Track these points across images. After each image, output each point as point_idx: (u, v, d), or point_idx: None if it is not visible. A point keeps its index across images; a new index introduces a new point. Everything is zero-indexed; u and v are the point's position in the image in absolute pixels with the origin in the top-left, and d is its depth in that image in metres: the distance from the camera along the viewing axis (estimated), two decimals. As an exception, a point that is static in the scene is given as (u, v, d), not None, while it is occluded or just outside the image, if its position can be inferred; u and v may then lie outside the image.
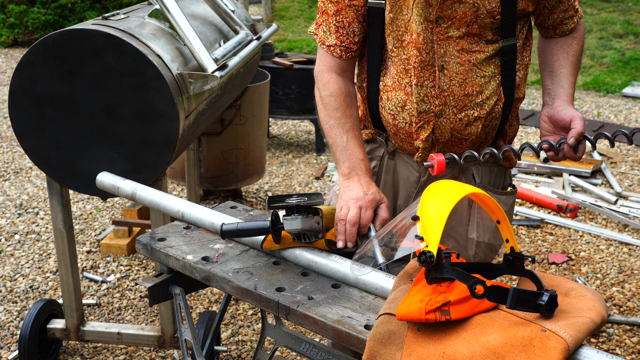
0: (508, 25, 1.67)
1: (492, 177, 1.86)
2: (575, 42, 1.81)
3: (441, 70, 1.69)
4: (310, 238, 1.58)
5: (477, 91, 1.70)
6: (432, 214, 1.25)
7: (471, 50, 1.68)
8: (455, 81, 1.69)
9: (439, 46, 1.68)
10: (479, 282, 1.16)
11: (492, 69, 1.71)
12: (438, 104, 1.71)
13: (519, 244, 3.91)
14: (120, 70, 2.27)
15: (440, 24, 1.66)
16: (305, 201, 1.54)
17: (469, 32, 1.66)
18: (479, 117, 1.72)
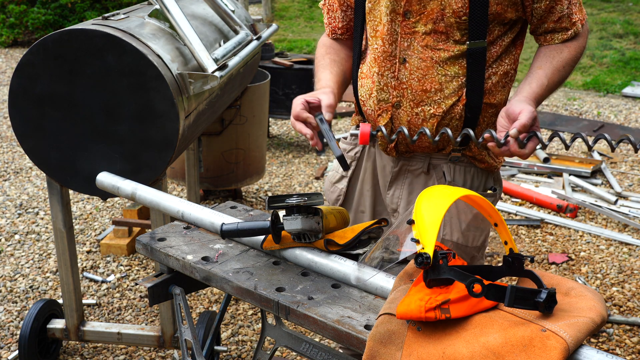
0: (477, 27, 1.67)
1: (467, 178, 1.85)
2: (566, 49, 1.75)
3: (402, 62, 1.74)
4: (310, 238, 1.58)
5: (436, 88, 1.72)
6: (426, 217, 1.26)
7: (436, 48, 1.70)
8: (414, 75, 1.73)
9: (403, 39, 1.72)
10: (476, 281, 1.16)
11: (456, 69, 1.72)
12: (396, 95, 1.76)
13: (518, 244, 3.91)
14: (120, 70, 2.27)
15: (409, 18, 1.70)
16: (305, 201, 1.54)
17: (435, 29, 1.69)
18: (435, 115, 1.74)
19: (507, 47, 1.77)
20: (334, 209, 1.69)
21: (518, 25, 1.78)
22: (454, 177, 1.85)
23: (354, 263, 1.52)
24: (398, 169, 1.90)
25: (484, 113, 1.78)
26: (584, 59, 8.50)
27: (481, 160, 1.84)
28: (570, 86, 7.73)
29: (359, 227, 1.65)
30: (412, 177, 1.90)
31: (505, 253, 1.36)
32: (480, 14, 1.66)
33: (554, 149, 5.59)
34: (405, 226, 1.31)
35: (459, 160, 1.84)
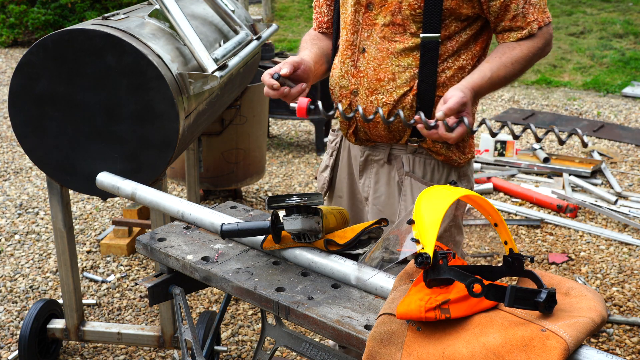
0: (430, 21, 1.74)
1: (427, 170, 1.91)
2: (518, 47, 1.78)
3: (361, 52, 1.83)
4: (310, 238, 1.58)
5: (389, 78, 1.80)
6: (426, 217, 1.26)
7: (392, 39, 1.79)
8: (371, 65, 1.81)
9: (364, 30, 1.82)
10: (476, 281, 1.16)
11: (409, 60, 1.79)
12: (354, 82, 1.85)
13: (518, 244, 3.91)
14: (120, 70, 2.27)
15: (371, 10, 1.80)
16: (305, 201, 1.54)
17: (393, 21, 1.77)
18: (387, 103, 1.82)
19: (466, 43, 1.82)
20: (334, 209, 1.70)
21: (478, 22, 1.82)
22: (413, 168, 1.91)
23: (354, 263, 1.52)
24: (364, 159, 1.99)
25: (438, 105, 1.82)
26: (584, 58, 8.50)
27: (437, 152, 1.88)
28: (570, 86, 7.73)
29: (359, 227, 1.65)
30: (377, 167, 1.97)
31: (505, 253, 1.36)
32: (434, 7, 1.72)
33: (554, 149, 5.59)
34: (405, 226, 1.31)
35: (418, 152, 1.90)
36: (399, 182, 1.93)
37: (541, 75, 8.02)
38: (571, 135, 1.55)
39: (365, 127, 1.89)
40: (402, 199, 1.92)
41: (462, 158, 1.91)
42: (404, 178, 1.92)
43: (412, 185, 1.90)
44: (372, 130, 1.89)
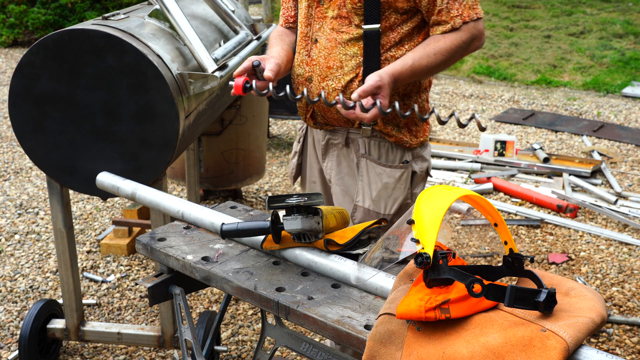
0: (370, 13, 1.89)
1: (382, 152, 2.05)
2: (442, 39, 1.89)
3: (314, 42, 1.99)
4: (310, 238, 1.58)
5: (338, 66, 1.95)
6: (426, 217, 1.26)
7: (340, 30, 1.94)
8: (322, 54, 1.97)
9: (316, 22, 1.98)
10: (476, 281, 1.16)
11: (355, 49, 1.93)
12: (308, 70, 2.01)
13: (518, 244, 3.91)
14: (120, 70, 2.27)
15: (322, 4, 1.96)
16: (305, 201, 1.54)
17: (340, 14, 1.93)
18: (336, 89, 1.96)
19: (408, 35, 1.95)
20: (334, 209, 1.70)
21: (419, 15, 1.95)
22: (369, 150, 2.05)
23: (354, 263, 1.52)
24: (325, 143, 2.12)
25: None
26: (584, 58, 8.50)
27: (389, 134, 2.01)
28: (570, 86, 7.73)
29: (359, 227, 1.65)
30: (337, 150, 2.11)
31: (505, 253, 1.36)
32: (373, 1, 1.88)
33: (554, 149, 5.59)
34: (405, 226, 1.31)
35: (373, 135, 2.04)
36: (357, 164, 2.07)
37: (541, 75, 8.02)
38: (471, 119, 1.61)
39: (321, 111, 2.04)
40: (360, 179, 2.06)
41: (413, 140, 2.05)
42: (361, 160, 2.06)
43: (367, 166, 2.05)
44: (327, 114, 2.03)
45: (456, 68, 8.40)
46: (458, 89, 7.60)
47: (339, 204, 2.13)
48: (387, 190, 2.04)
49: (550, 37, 9.46)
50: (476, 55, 8.75)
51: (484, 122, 1.45)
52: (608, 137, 5.87)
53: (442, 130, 6.10)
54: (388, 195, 2.04)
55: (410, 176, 2.06)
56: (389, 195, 2.04)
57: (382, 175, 2.04)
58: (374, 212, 2.04)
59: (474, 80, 8.08)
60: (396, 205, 2.05)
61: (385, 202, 2.05)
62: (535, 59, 8.61)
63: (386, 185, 2.04)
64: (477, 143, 5.53)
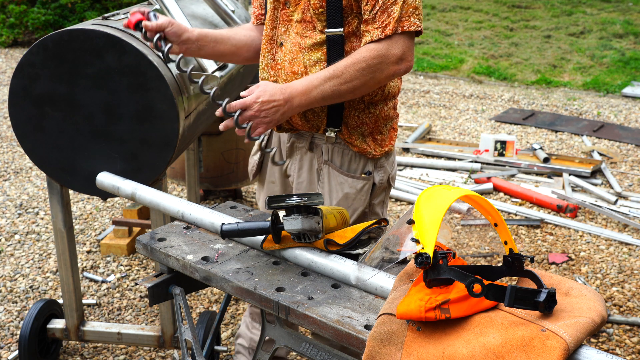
0: (333, 17, 1.85)
1: (345, 160, 2.02)
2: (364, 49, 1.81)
3: (279, 46, 1.95)
4: (310, 238, 1.58)
5: (302, 71, 1.91)
6: (426, 217, 1.26)
7: (304, 35, 1.90)
8: (287, 58, 1.93)
9: (281, 25, 1.95)
10: (476, 281, 1.16)
11: (318, 54, 1.89)
12: (273, 74, 1.97)
13: (518, 244, 3.91)
14: (120, 70, 2.27)
15: (288, 7, 1.92)
16: (305, 201, 1.54)
17: (304, 19, 1.89)
18: None
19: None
20: (334, 209, 1.69)
21: None
22: (331, 157, 2.02)
23: (354, 263, 1.52)
24: (290, 145, 2.09)
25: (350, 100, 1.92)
26: (584, 58, 8.50)
27: (352, 144, 1.99)
28: (570, 86, 7.73)
29: (359, 227, 1.65)
30: (301, 154, 2.08)
31: (505, 253, 1.36)
32: (335, 6, 1.83)
33: (554, 149, 5.59)
34: (406, 226, 1.31)
35: (337, 142, 2.01)
36: (318, 170, 2.04)
37: (541, 75, 8.02)
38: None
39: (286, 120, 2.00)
40: (320, 187, 2.04)
41: (377, 150, 2.01)
42: (323, 166, 2.04)
43: (329, 174, 2.02)
44: (292, 119, 1.99)
45: (456, 68, 8.40)
46: (458, 89, 7.60)
47: None
48: (347, 200, 2.00)
49: (550, 37, 9.46)
50: (476, 55, 8.75)
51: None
52: (608, 137, 5.87)
53: (442, 131, 6.11)
54: (348, 205, 2.01)
55: (371, 187, 2.03)
56: (349, 206, 2.01)
57: (344, 185, 2.01)
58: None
59: (474, 80, 8.08)
60: (355, 215, 2.02)
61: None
62: (535, 59, 8.61)
63: (347, 195, 2.00)
64: (477, 143, 5.54)
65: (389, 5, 1.78)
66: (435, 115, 6.62)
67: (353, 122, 1.98)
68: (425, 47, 9.25)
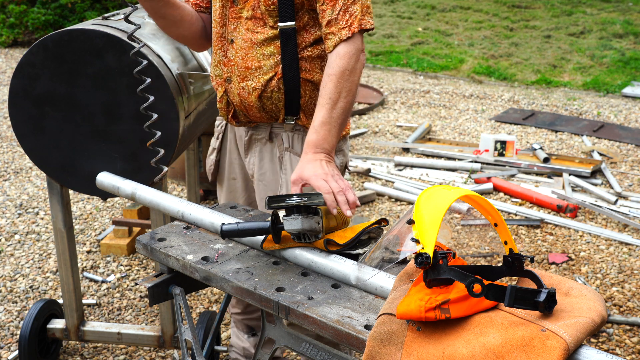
0: (285, 12, 1.89)
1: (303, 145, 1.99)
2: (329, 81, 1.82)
3: (230, 43, 1.98)
4: (310, 238, 1.58)
5: (256, 66, 1.95)
6: (426, 217, 1.26)
7: (255, 31, 1.93)
8: (239, 54, 1.96)
9: (231, 22, 1.97)
10: (476, 281, 1.16)
11: (271, 49, 1.93)
12: (226, 71, 2.00)
13: (518, 244, 3.91)
14: (120, 70, 2.27)
15: (237, 4, 1.95)
16: (305, 201, 1.54)
17: (254, 15, 1.92)
18: (256, 89, 1.96)
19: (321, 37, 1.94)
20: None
21: None
22: (292, 144, 2.06)
23: (354, 263, 1.52)
24: (248, 138, 2.12)
25: (304, 87, 1.98)
26: (584, 58, 8.50)
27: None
28: (570, 86, 7.73)
29: (358, 227, 1.65)
30: (260, 145, 2.11)
31: (505, 253, 1.36)
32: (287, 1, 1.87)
33: (554, 149, 5.59)
34: (406, 226, 1.31)
35: (296, 129, 2.05)
36: (280, 158, 2.07)
37: (541, 75, 8.02)
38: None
39: (243, 109, 2.03)
40: (283, 173, 2.06)
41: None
42: (284, 153, 2.07)
43: (291, 160, 2.06)
44: (249, 112, 2.02)
45: (456, 68, 8.40)
46: (458, 89, 7.60)
47: (261, 199, 2.13)
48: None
49: (550, 37, 9.46)
50: (476, 55, 8.75)
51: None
52: (608, 137, 5.87)
53: (442, 131, 6.11)
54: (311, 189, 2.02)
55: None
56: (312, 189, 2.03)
57: None
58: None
59: (474, 80, 8.08)
60: None
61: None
62: (535, 59, 8.61)
63: None
64: (477, 143, 5.53)
65: (349, 5, 1.84)
66: (435, 115, 6.62)
67: (310, 109, 2.01)
68: (425, 47, 9.25)
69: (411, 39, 9.66)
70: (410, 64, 8.59)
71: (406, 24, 10.43)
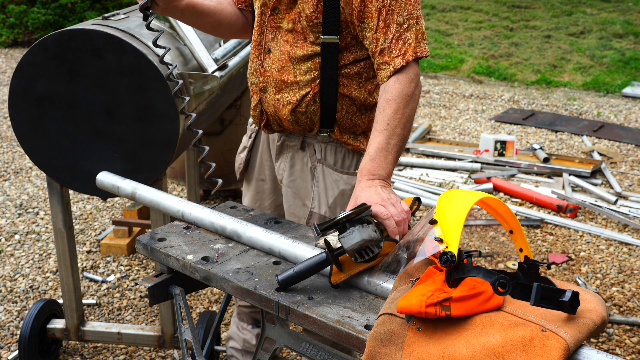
0: (329, 27, 1.82)
1: (338, 157, 2.02)
2: (388, 106, 1.73)
3: (267, 52, 1.93)
4: (372, 250, 1.44)
5: (292, 80, 1.90)
6: (450, 216, 1.26)
7: (294, 45, 1.87)
8: (275, 65, 1.92)
9: (269, 31, 1.91)
10: (502, 279, 1.16)
11: (309, 64, 1.87)
12: (262, 80, 1.96)
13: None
14: (120, 70, 2.27)
15: (276, 14, 1.89)
16: (355, 213, 1.43)
17: (294, 29, 1.86)
18: (290, 102, 1.92)
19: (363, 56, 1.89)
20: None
21: None
22: (324, 155, 2.02)
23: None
24: (280, 143, 2.08)
25: (341, 101, 1.93)
26: (584, 58, 8.50)
27: (346, 142, 1.99)
28: (570, 86, 7.73)
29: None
30: (292, 152, 2.07)
31: (520, 260, 1.35)
32: (333, 16, 1.80)
33: (554, 149, 5.59)
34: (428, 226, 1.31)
35: (329, 141, 2.01)
36: (312, 168, 2.04)
37: (541, 75, 8.02)
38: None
39: (277, 119, 1.99)
40: (315, 185, 2.03)
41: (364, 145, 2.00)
42: (317, 165, 2.03)
43: (324, 172, 2.02)
44: (283, 123, 1.98)
45: (456, 68, 8.40)
46: (458, 89, 7.60)
47: (289, 205, 2.09)
48: (343, 197, 1.99)
49: (550, 37, 9.46)
50: (476, 55, 8.75)
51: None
52: (608, 137, 5.87)
53: (442, 131, 6.11)
54: (344, 203, 2.00)
55: None
56: (345, 203, 2.00)
57: (339, 181, 2.00)
58: (330, 218, 1.94)
59: (474, 80, 8.08)
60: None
61: (342, 209, 1.99)
62: (535, 59, 8.61)
63: (343, 192, 1.99)
64: (477, 143, 5.54)
65: (402, 32, 1.75)
66: (435, 115, 6.62)
67: (346, 124, 1.97)
68: (425, 47, 9.25)
69: (411, 39, 9.65)
70: (410, 64, 8.58)
71: (406, 24, 10.43)
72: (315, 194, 2.02)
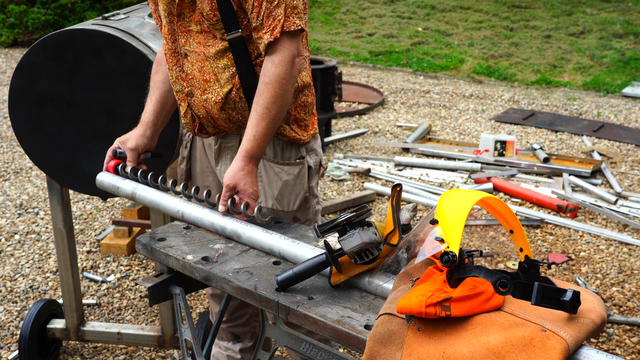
0: (228, 22, 1.85)
1: (277, 150, 2.03)
2: (265, 90, 1.81)
3: (185, 57, 1.95)
4: (372, 252, 1.46)
5: (213, 79, 1.92)
6: (450, 216, 1.26)
7: (207, 44, 1.91)
8: (195, 67, 1.94)
9: (181, 36, 1.93)
10: (503, 278, 1.16)
11: (224, 61, 1.90)
12: (186, 85, 1.97)
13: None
14: (120, 70, 2.27)
15: (183, 18, 1.91)
16: (355, 215, 1.44)
17: (202, 29, 1.89)
18: (217, 102, 1.93)
19: None
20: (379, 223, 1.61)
21: None
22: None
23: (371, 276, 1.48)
24: (218, 147, 2.09)
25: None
26: (584, 58, 8.49)
27: (282, 134, 2.00)
28: (570, 86, 7.73)
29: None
30: (231, 153, 2.07)
31: (521, 260, 1.35)
32: (228, 11, 1.84)
33: (554, 149, 5.59)
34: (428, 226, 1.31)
35: None
36: None
37: (541, 75, 8.02)
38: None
39: (210, 120, 2.00)
40: (259, 180, 2.03)
41: (305, 135, 2.05)
42: None
43: (265, 166, 2.03)
44: (218, 123, 2.00)
45: (456, 68, 8.40)
46: (458, 89, 7.61)
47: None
48: (287, 187, 2.04)
49: (550, 37, 9.46)
50: (476, 55, 8.76)
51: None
52: (608, 137, 5.87)
53: (442, 131, 6.11)
54: (290, 192, 2.04)
55: (307, 171, 2.07)
56: (291, 192, 2.04)
57: (281, 173, 2.03)
58: (278, 210, 2.04)
59: (474, 80, 8.08)
60: (298, 200, 2.06)
61: (288, 199, 2.05)
62: (535, 59, 8.61)
63: (286, 183, 2.03)
64: (477, 143, 5.54)
65: (272, 9, 1.80)
66: (435, 115, 6.62)
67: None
68: (425, 47, 9.26)
69: (411, 39, 9.66)
70: (410, 64, 8.59)
71: (406, 24, 10.44)
72: (260, 189, 2.04)
